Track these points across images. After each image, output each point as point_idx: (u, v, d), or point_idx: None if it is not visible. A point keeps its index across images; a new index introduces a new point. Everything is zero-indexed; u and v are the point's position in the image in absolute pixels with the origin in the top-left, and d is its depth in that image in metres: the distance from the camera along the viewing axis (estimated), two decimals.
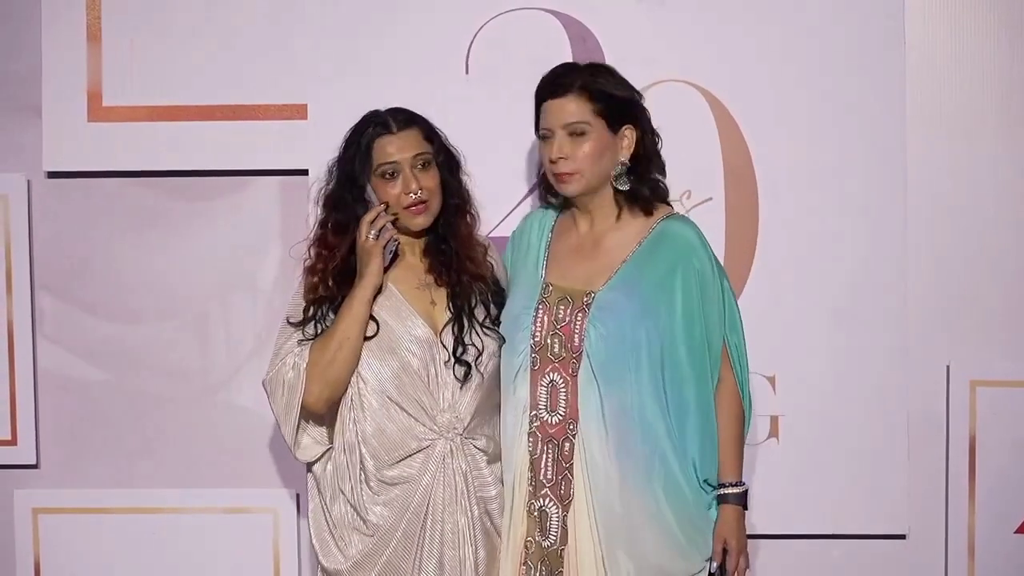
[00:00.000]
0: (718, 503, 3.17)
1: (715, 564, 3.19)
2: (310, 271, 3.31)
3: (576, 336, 3.13)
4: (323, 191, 3.34)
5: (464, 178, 3.35)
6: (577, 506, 3.11)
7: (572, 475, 3.12)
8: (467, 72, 3.94)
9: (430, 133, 3.28)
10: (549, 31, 3.91)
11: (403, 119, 3.27)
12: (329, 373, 3.21)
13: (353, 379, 3.24)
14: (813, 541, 4.01)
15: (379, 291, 3.24)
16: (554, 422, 3.14)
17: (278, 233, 4.09)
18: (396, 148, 3.23)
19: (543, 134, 3.20)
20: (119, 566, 4.11)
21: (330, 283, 3.26)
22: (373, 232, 3.17)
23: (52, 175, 4.09)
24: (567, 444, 3.13)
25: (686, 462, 3.13)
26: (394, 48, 3.95)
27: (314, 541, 3.29)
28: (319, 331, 3.25)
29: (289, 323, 3.30)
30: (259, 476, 4.10)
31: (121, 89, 4.03)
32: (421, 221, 3.26)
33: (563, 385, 3.14)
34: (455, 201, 3.31)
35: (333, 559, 3.25)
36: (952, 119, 3.99)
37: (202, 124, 4.02)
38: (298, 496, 4.06)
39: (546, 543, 3.16)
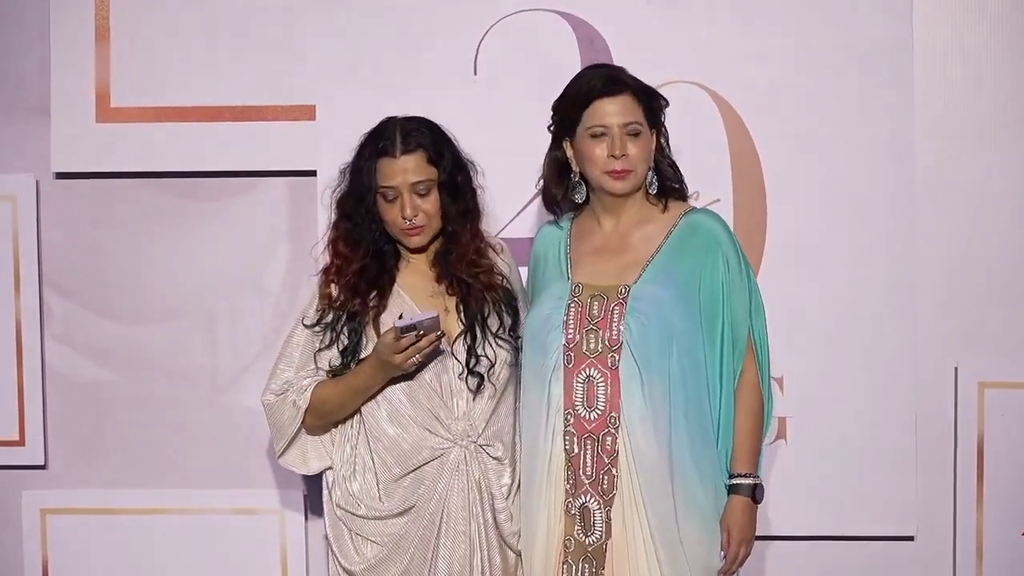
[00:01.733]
0: (728, 493, 3.21)
1: (723, 553, 3.20)
2: (325, 274, 3.32)
3: (614, 329, 3.15)
4: (336, 192, 3.34)
5: (478, 190, 3.34)
6: (623, 499, 3.13)
7: (616, 469, 3.14)
8: (475, 73, 3.96)
9: (436, 155, 3.25)
10: (557, 32, 3.93)
11: (408, 142, 3.24)
12: (327, 419, 3.30)
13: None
14: (821, 542, 4.02)
15: (384, 311, 3.25)
16: (592, 418, 3.16)
17: (286, 234, 4.10)
18: (396, 173, 3.22)
19: (596, 132, 3.20)
20: (126, 567, 4.12)
21: (344, 293, 3.27)
22: (417, 359, 3.14)
23: (60, 176, 4.11)
24: (608, 438, 3.15)
25: (718, 449, 3.19)
26: (402, 49, 3.96)
27: (331, 540, 3.29)
28: (332, 339, 3.25)
29: (303, 324, 3.31)
30: (266, 477, 4.10)
31: (129, 90, 4.05)
32: (416, 241, 3.27)
33: (601, 379, 3.16)
34: (451, 229, 3.28)
35: (350, 559, 3.26)
36: (961, 121, 4.00)
37: (210, 125, 4.04)
38: (305, 497, 4.06)
39: (589, 540, 3.17)
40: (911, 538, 4.00)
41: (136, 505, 4.09)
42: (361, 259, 3.26)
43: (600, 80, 3.23)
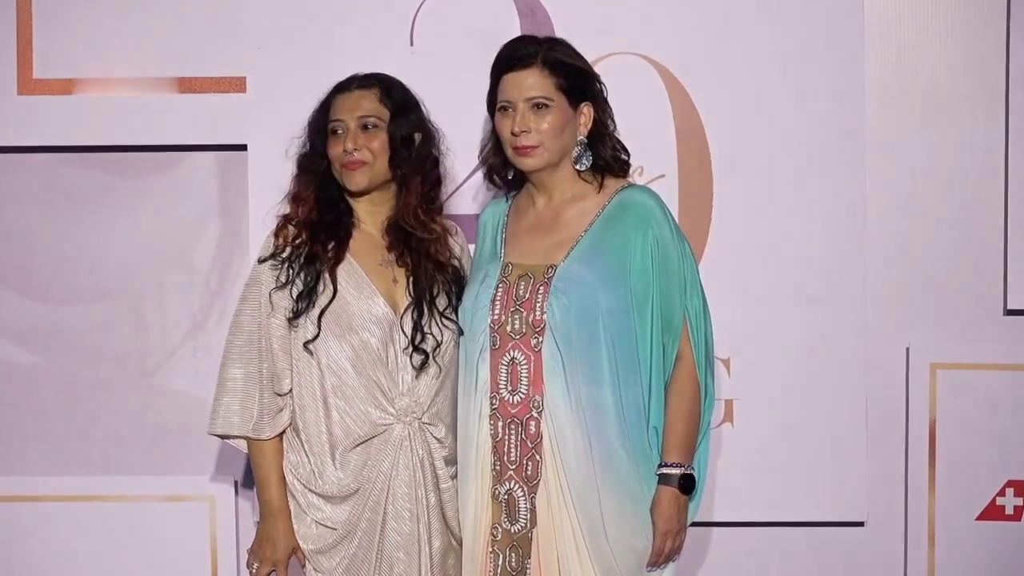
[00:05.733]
0: (658, 483, 3.16)
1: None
2: (284, 218, 3.31)
3: (538, 310, 3.12)
4: (299, 150, 3.35)
5: (437, 156, 3.35)
6: (548, 486, 3.11)
7: (540, 455, 3.12)
8: (412, 44, 3.94)
9: (389, 97, 3.27)
10: (496, 2, 3.91)
11: (367, 80, 3.29)
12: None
13: (306, 369, 3.24)
14: (768, 529, 4.03)
15: (339, 263, 3.25)
16: (516, 401, 3.14)
17: (216, 211, 4.07)
18: (345, 106, 3.26)
19: (502, 106, 3.19)
20: (51, 555, 4.08)
21: (305, 235, 3.26)
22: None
23: None
24: (532, 423, 3.13)
25: (649, 432, 3.15)
26: (337, 19, 3.94)
27: (293, 515, 3.28)
28: (289, 277, 3.23)
29: (258, 261, 3.28)
30: (197, 463, 4.09)
31: (52, 60, 4.00)
32: (356, 179, 3.24)
33: (524, 362, 3.13)
34: (401, 172, 3.28)
35: (305, 537, 3.26)
36: (912, 97, 4.02)
37: (137, 97, 4.01)
38: (236, 483, 4.07)
39: (515, 528, 3.16)
40: (861, 524, 4.02)
41: (61, 492, 4.07)
42: (317, 204, 3.28)
43: (507, 54, 3.21)
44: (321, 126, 3.28)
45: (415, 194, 3.28)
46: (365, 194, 3.29)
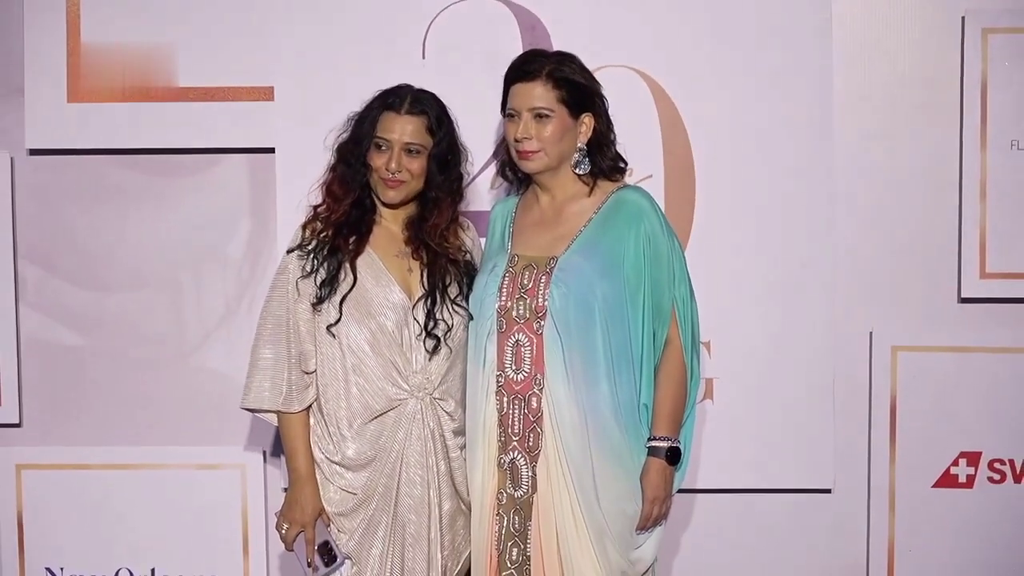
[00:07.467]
0: (647, 454, 3.28)
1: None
2: (315, 210, 3.44)
3: (540, 297, 3.25)
4: (339, 138, 3.44)
5: (464, 175, 3.47)
6: (547, 456, 3.24)
7: (541, 427, 3.25)
8: (423, 57, 4.05)
9: (435, 126, 3.38)
10: (500, 19, 4.04)
11: (415, 106, 3.38)
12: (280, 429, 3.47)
13: (329, 350, 3.38)
14: (746, 495, 4.15)
15: (360, 254, 3.38)
16: (519, 379, 3.27)
17: (247, 207, 4.18)
18: (394, 129, 3.36)
19: (510, 114, 3.33)
20: (97, 519, 4.21)
21: (329, 231, 3.40)
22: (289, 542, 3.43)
23: (34, 152, 4.19)
24: (534, 399, 3.26)
25: (640, 409, 3.28)
26: (355, 35, 4.06)
27: (319, 482, 3.42)
28: (314, 266, 3.37)
29: (287, 251, 3.42)
30: (229, 434, 4.19)
31: (99, 71, 4.11)
32: (392, 195, 3.39)
33: (527, 343, 3.27)
34: (434, 195, 3.42)
35: (328, 500, 3.41)
36: (876, 107, 4.10)
37: (176, 105, 4.11)
38: (265, 453, 4.19)
39: (517, 493, 3.29)
40: (828, 490, 4.13)
41: (106, 461, 4.18)
42: (349, 203, 3.39)
43: (516, 66, 3.35)
44: (360, 132, 3.38)
45: (444, 216, 3.43)
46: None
